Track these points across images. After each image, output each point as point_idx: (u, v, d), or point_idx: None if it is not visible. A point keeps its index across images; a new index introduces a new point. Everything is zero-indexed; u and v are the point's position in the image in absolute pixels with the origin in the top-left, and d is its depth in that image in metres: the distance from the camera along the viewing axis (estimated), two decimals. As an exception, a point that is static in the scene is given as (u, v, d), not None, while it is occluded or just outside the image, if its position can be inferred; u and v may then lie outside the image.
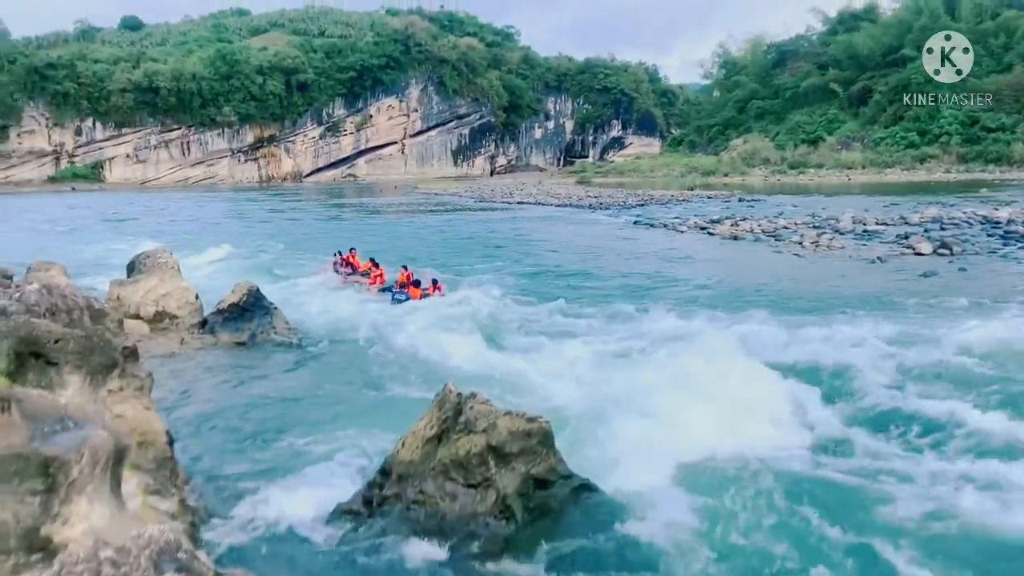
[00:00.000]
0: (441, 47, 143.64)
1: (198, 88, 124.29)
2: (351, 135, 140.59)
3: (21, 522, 3.14)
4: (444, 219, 43.94)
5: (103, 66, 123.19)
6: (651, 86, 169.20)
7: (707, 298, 16.05)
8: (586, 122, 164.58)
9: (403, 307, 15.14)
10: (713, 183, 77.92)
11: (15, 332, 5.02)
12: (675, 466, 7.03)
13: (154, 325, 12.84)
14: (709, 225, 31.62)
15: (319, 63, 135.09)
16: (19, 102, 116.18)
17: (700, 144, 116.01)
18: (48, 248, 27.76)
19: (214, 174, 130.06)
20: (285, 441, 7.96)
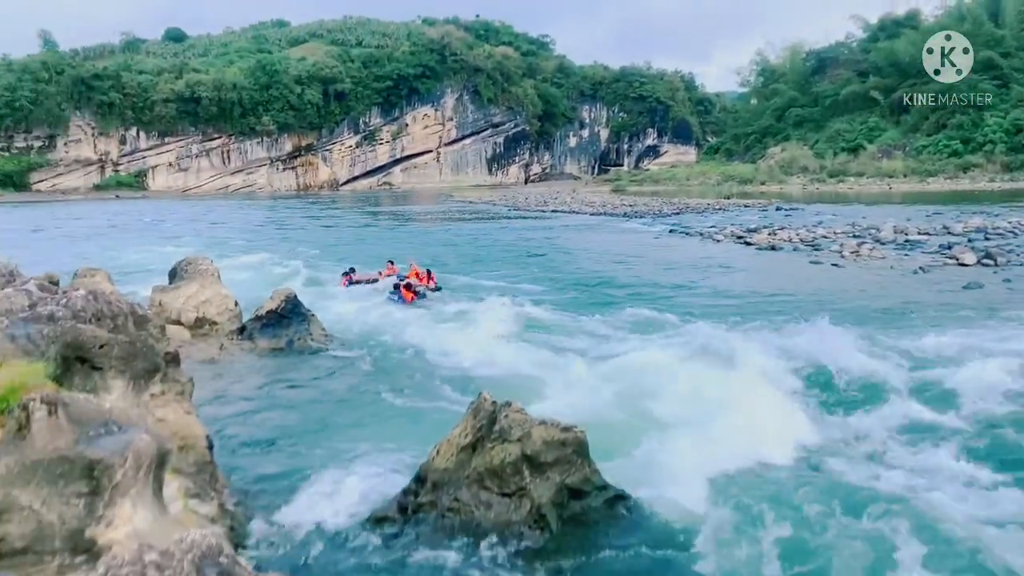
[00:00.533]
0: (476, 56, 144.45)
1: (238, 98, 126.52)
2: (387, 144, 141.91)
3: (66, 523, 3.22)
4: (478, 227, 44.07)
5: (147, 77, 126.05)
6: (687, 94, 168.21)
7: (743, 308, 15.87)
8: (621, 130, 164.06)
9: (437, 314, 15.21)
10: (750, 192, 77.16)
11: (62, 337, 5.15)
12: (711, 477, 6.95)
13: (195, 331, 13.06)
14: (746, 234, 31.27)
15: (356, 72, 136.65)
16: (66, 112, 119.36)
17: (737, 152, 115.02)
18: (92, 254, 28.49)
19: (253, 182, 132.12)
20: (321, 447, 8.02)
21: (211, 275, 14.74)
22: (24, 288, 6.55)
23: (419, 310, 15.93)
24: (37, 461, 3.27)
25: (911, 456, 7.61)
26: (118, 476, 3.33)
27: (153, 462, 3.59)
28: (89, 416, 3.62)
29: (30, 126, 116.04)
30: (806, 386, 9.70)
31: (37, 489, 3.22)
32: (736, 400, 8.58)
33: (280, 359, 11.92)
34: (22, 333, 5.13)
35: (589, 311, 15.42)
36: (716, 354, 10.90)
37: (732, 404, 8.45)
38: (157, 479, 3.74)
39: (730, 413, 8.21)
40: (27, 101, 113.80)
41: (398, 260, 20.60)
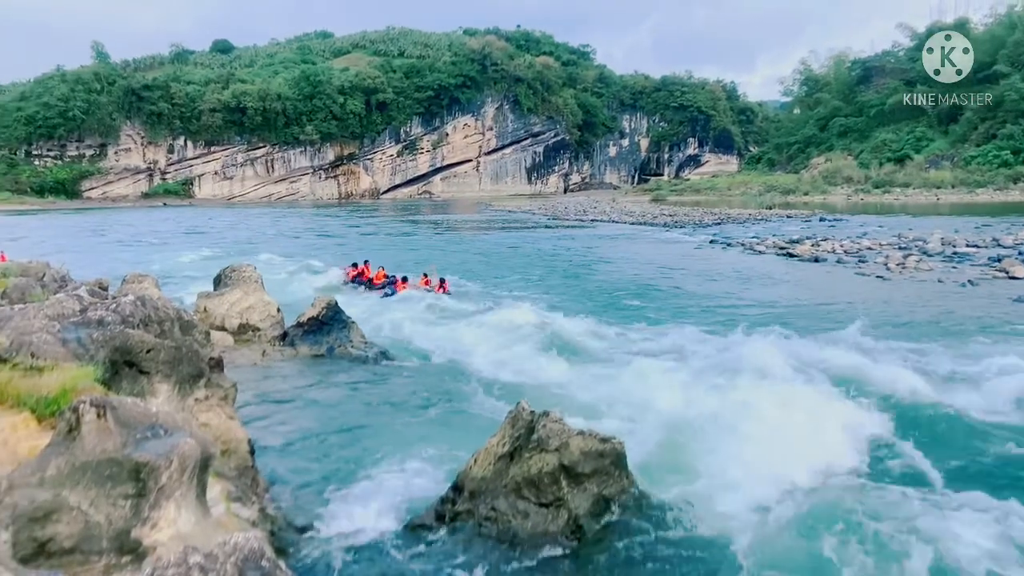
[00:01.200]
0: (517, 66, 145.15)
1: (283, 108, 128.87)
2: (427, 153, 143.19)
3: (113, 524, 3.28)
4: (517, 236, 44.14)
5: (195, 87, 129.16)
6: (729, 103, 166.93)
7: (785, 320, 15.61)
8: (661, 140, 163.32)
9: (476, 323, 15.23)
10: (793, 202, 76.11)
11: (111, 342, 5.27)
12: (750, 492, 6.84)
13: (238, 336, 13.27)
14: (788, 245, 30.83)
15: (398, 83, 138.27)
16: (117, 122, 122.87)
17: (779, 162, 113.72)
18: (140, 260, 29.16)
19: (296, 191, 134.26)
20: (360, 453, 8.08)
21: (254, 282, 14.99)
22: (75, 293, 6.73)
23: (458, 319, 15.98)
24: (86, 463, 3.34)
25: (954, 476, 7.41)
26: (163, 479, 3.39)
27: (197, 466, 3.65)
28: (136, 419, 3.69)
29: (82, 135, 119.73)
30: (848, 400, 9.50)
31: (85, 490, 3.30)
32: (776, 413, 8.44)
33: (321, 366, 12.05)
34: (73, 337, 5.27)
35: (629, 322, 15.33)
36: (757, 367, 10.74)
37: (772, 418, 8.32)
38: (201, 482, 3.80)
39: (770, 427, 8.08)
40: (80, 111, 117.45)
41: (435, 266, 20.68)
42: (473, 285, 21.27)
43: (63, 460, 3.36)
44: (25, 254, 23.64)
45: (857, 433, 8.36)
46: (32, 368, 4.56)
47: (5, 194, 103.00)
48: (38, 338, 4.93)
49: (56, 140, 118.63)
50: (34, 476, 3.29)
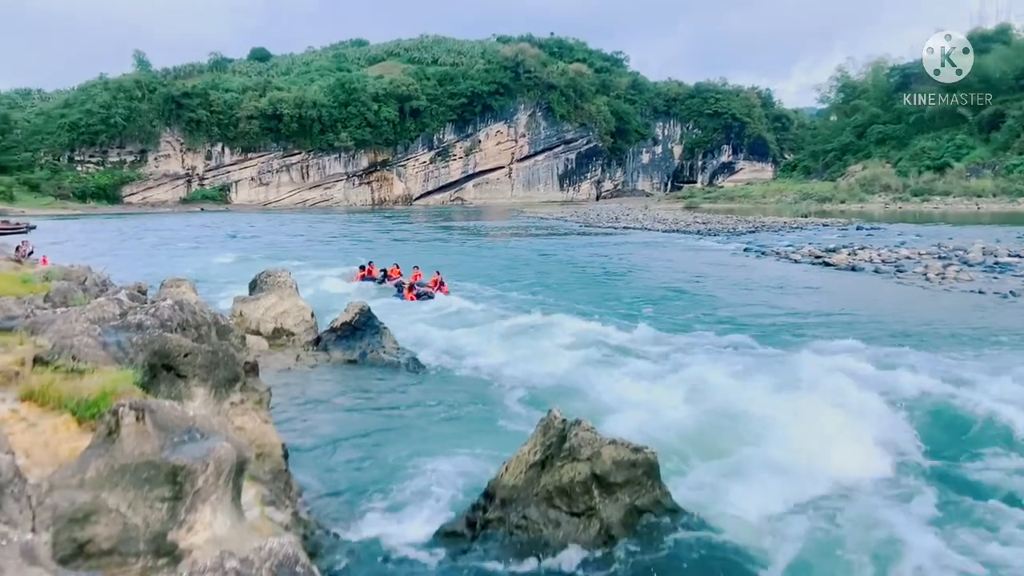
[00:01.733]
0: (550, 73, 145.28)
1: (318, 115, 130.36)
2: (460, 159, 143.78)
3: (150, 527, 3.32)
4: (549, 243, 44.12)
5: (233, 95, 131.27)
6: (764, 110, 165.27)
7: (820, 330, 15.39)
8: (695, 147, 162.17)
9: (507, 329, 15.23)
10: (829, 210, 75.12)
11: (150, 346, 5.35)
12: (785, 503, 6.77)
13: (272, 341, 13.41)
14: (825, 254, 30.40)
15: (431, 90, 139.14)
16: (157, 128, 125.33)
17: (815, 170, 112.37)
18: (177, 263, 29.63)
19: (330, 197, 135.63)
20: (392, 459, 8.10)
21: (289, 287, 15.16)
22: (116, 297, 6.86)
23: (490, 325, 15.99)
24: (125, 465, 3.39)
25: (990, 489, 7.24)
26: (200, 482, 3.43)
27: (233, 469, 3.68)
28: (174, 423, 3.74)
29: (123, 142, 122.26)
30: (885, 412, 9.33)
31: (124, 492, 3.34)
32: (813, 424, 8.35)
33: (353, 371, 12.13)
34: (113, 340, 5.36)
35: (661, 329, 15.20)
36: (792, 377, 10.60)
37: (807, 429, 8.22)
38: (236, 486, 3.83)
39: (806, 437, 7.99)
40: (121, 118, 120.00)
41: (460, 271, 20.74)
42: (505, 292, 21.29)
43: (102, 462, 3.41)
44: (67, 258, 24.19)
45: (893, 446, 8.23)
46: (73, 371, 4.64)
47: (48, 199, 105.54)
48: (79, 341, 5.02)
49: (98, 146, 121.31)
50: (74, 478, 3.34)
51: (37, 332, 5.56)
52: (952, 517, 6.62)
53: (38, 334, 5.51)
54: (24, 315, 6.08)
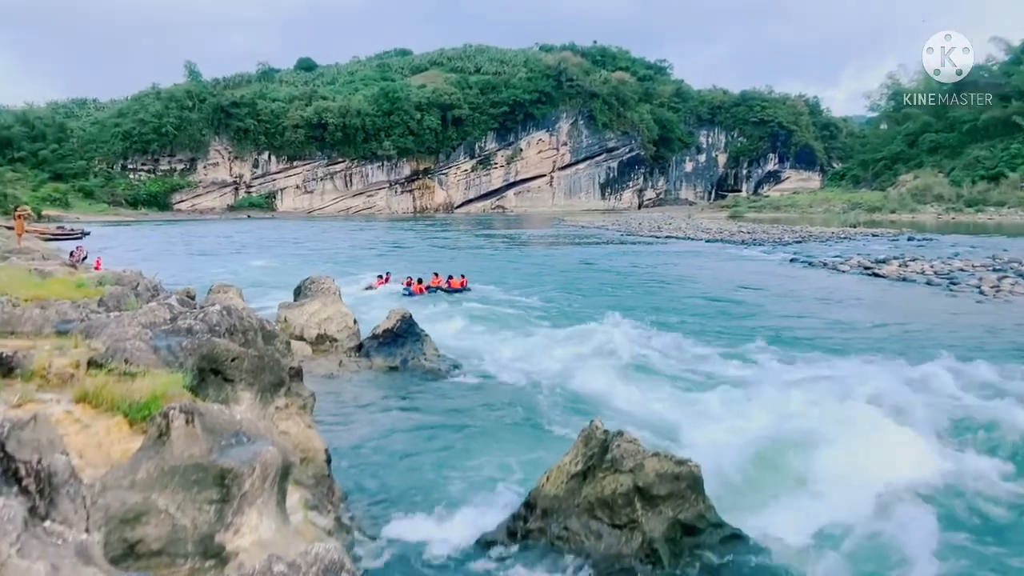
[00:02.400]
0: (592, 81, 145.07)
1: (362, 123, 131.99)
2: (501, 168, 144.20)
3: (198, 528, 3.37)
4: (590, 251, 43.95)
5: (280, 104, 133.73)
6: (812, 118, 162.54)
7: (871, 342, 15.06)
8: (740, 155, 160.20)
9: (548, 337, 15.21)
10: (878, 220, 73.57)
11: (199, 350, 5.45)
12: (832, 521, 6.62)
13: (316, 347, 13.59)
14: (874, 265, 29.73)
15: (474, 99, 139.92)
16: (206, 137, 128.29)
17: (864, 179, 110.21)
18: (223, 269, 30.21)
19: (372, 204, 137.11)
20: (432, 466, 8.13)
21: (332, 294, 15.34)
22: (167, 302, 7.01)
23: (531, 333, 15.97)
24: (174, 467, 3.45)
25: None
26: (246, 485, 3.47)
27: (278, 474, 3.73)
28: (221, 426, 3.80)
29: (174, 150, 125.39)
30: (938, 428, 9.09)
31: (173, 494, 3.40)
32: (861, 440, 8.15)
33: (395, 377, 12.22)
34: (164, 344, 5.48)
35: (704, 341, 15.02)
36: (840, 390, 10.38)
37: (857, 444, 8.03)
38: (281, 490, 3.88)
39: (855, 453, 7.80)
40: (172, 127, 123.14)
41: (498, 276, 20.73)
42: (546, 300, 21.25)
43: (153, 464, 3.48)
44: (119, 263, 24.83)
45: (945, 463, 7.99)
46: (126, 374, 4.75)
47: (102, 206, 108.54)
48: (131, 345, 5.14)
49: (150, 155, 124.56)
50: (126, 479, 3.41)
51: (91, 335, 5.70)
52: (1006, 539, 6.40)
53: (92, 337, 5.66)
54: (79, 319, 6.24)
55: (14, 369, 4.55)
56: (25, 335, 5.77)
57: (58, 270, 16.33)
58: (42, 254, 25.98)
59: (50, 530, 2.22)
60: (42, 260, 21.62)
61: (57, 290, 8.90)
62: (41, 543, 2.13)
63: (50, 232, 50.33)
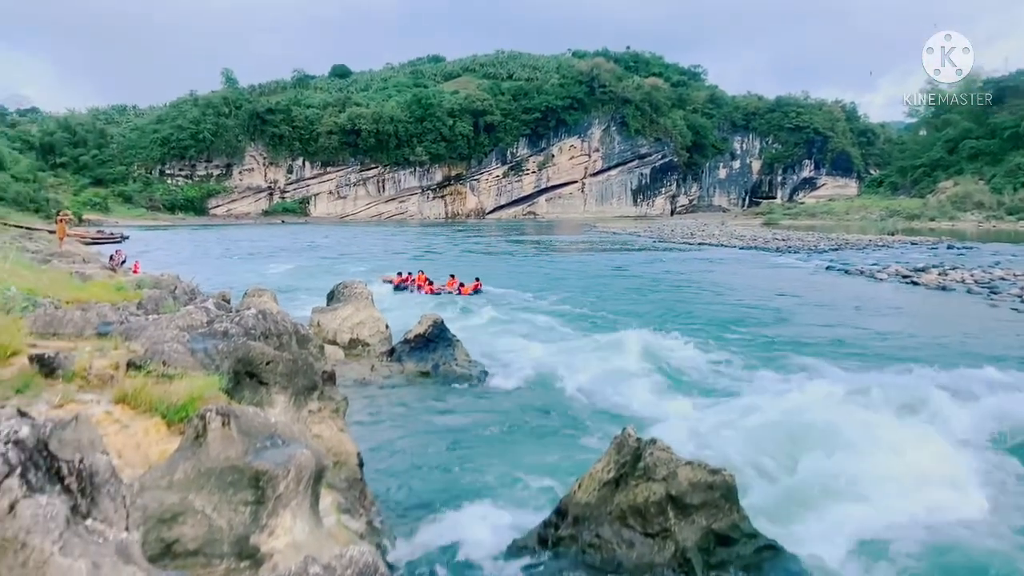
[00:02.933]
0: (625, 87, 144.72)
1: (395, 130, 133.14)
2: (533, 174, 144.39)
3: (234, 529, 3.40)
4: (622, 258, 43.77)
5: (314, 111, 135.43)
6: (848, 124, 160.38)
7: (910, 352, 14.77)
8: (775, 162, 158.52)
9: (580, 343, 15.16)
10: (917, 228, 72.32)
11: (235, 353, 5.51)
12: (870, 535, 6.48)
13: (348, 351, 13.69)
14: (913, 273, 29.20)
15: (506, 105, 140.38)
16: (242, 143, 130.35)
17: (902, 186, 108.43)
18: (257, 272, 30.59)
19: (404, 210, 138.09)
20: (463, 472, 8.14)
21: (365, 298, 15.46)
22: (204, 305, 7.11)
23: (563, 340, 15.94)
24: (211, 468, 3.49)
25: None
26: (281, 488, 3.50)
27: (312, 476, 3.75)
28: (257, 429, 3.84)
29: (211, 156, 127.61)
30: (978, 440, 8.88)
31: (209, 495, 3.44)
32: (901, 452, 7.99)
33: (426, 382, 12.25)
34: (200, 347, 5.55)
35: (738, 348, 14.86)
36: (879, 401, 10.19)
37: (896, 456, 7.87)
38: (315, 493, 3.90)
39: (894, 466, 7.65)
40: (209, 133, 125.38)
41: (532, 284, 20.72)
42: (577, 306, 21.19)
43: (190, 465, 3.52)
44: (156, 266, 25.27)
45: (988, 478, 7.80)
46: (163, 376, 4.81)
47: (140, 210, 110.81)
48: (169, 347, 5.22)
49: (187, 160, 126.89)
50: (163, 479, 3.46)
51: (131, 338, 5.80)
52: None
53: (131, 340, 5.75)
54: (119, 321, 6.35)
55: (56, 370, 4.64)
56: (66, 337, 5.88)
57: (98, 273, 16.67)
58: (83, 257, 26.55)
59: (91, 528, 2.25)
60: (83, 263, 22.09)
61: (97, 293, 9.08)
62: (82, 541, 2.16)
63: (90, 236, 51.47)
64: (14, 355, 4.80)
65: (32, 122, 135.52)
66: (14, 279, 7.57)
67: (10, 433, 2.28)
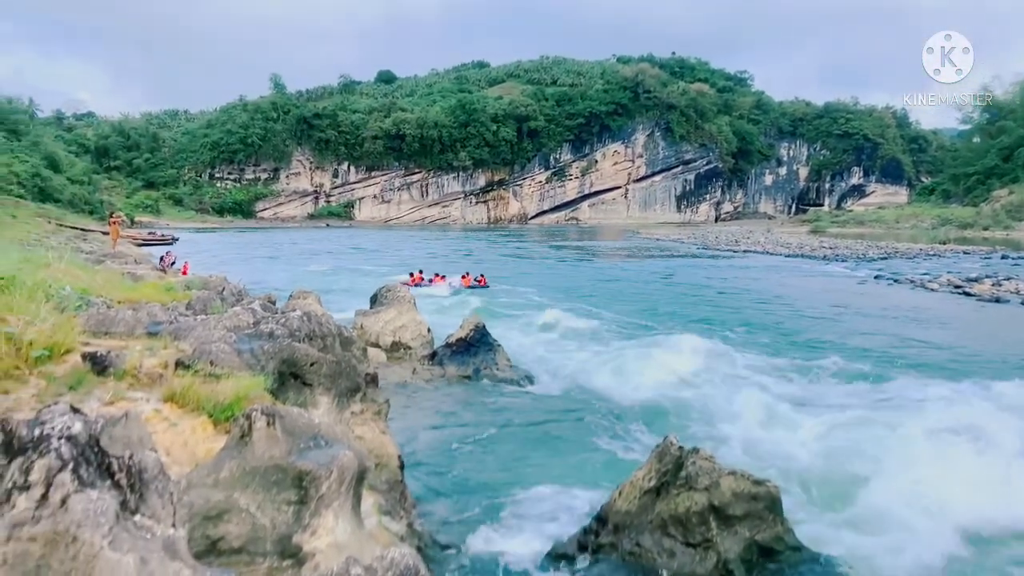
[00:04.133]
0: (670, 93, 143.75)
1: (439, 135, 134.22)
2: (576, 180, 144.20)
3: (277, 528, 3.44)
4: (666, 264, 43.37)
5: (359, 116, 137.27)
6: (899, 131, 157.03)
7: (961, 365, 14.35)
8: (822, 168, 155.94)
9: (622, 349, 15.04)
10: (970, 237, 70.39)
11: (279, 354, 5.59)
12: (919, 550, 6.30)
13: (390, 354, 13.79)
14: (965, 284, 28.40)
15: (550, 110, 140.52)
16: (290, 148, 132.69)
17: (955, 194, 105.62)
18: (300, 274, 31.01)
19: (447, 214, 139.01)
20: (504, 476, 8.12)
21: (407, 302, 15.57)
22: (250, 307, 7.22)
23: (607, 346, 15.85)
24: (255, 467, 3.54)
25: None
26: (324, 488, 3.53)
27: (354, 478, 3.78)
28: (300, 429, 3.88)
29: (259, 160, 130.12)
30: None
31: (254, 494, 3.48)
32: (951, 467, 7.75)
33: (467, 387, 12.27)
34: (247, 348, 5.63)
35: (784, 357, 14.61)
36: (929, 414, 9.92)
37: (946, 471, 7.64)
38: (356, 494, 3.92)
39: (944, 481, 7.42)
40: (258, 138, 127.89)
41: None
42: (619, 312, 21.05)
43: (235, 464, 3.57)
44: (204, 268, 25.80)
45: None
46: (210, 375, 4.90)
47: (190, 213, 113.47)
48: (217, 347, 5.30)
49: (236, 164, 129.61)
50: (209, 477, 3.51)
51: (179, 337, 5.91)
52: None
53: (180, 339, 5.86)
54: (168, 321, 6.48)
55: (107, 368, 4.75)
56: (118, 335, 6.02)
57: (149, 274, 17.08)
58: (134, 258, 27.24)
59: (140, 524, 2.29)
60: (134, 264, 22.66)
61: (148, 293, 9.29)
62: (131, 536, 2.20)
63: (142, 238, 52.73)
64: (67, 352, 4.93)
65: (88, 126, 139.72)
66: (69, 279, 7.78)
67: (63, 429, 2.33)
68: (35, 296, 5.32)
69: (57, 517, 2.12)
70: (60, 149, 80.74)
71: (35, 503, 2.16)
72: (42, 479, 2.20)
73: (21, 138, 68.47)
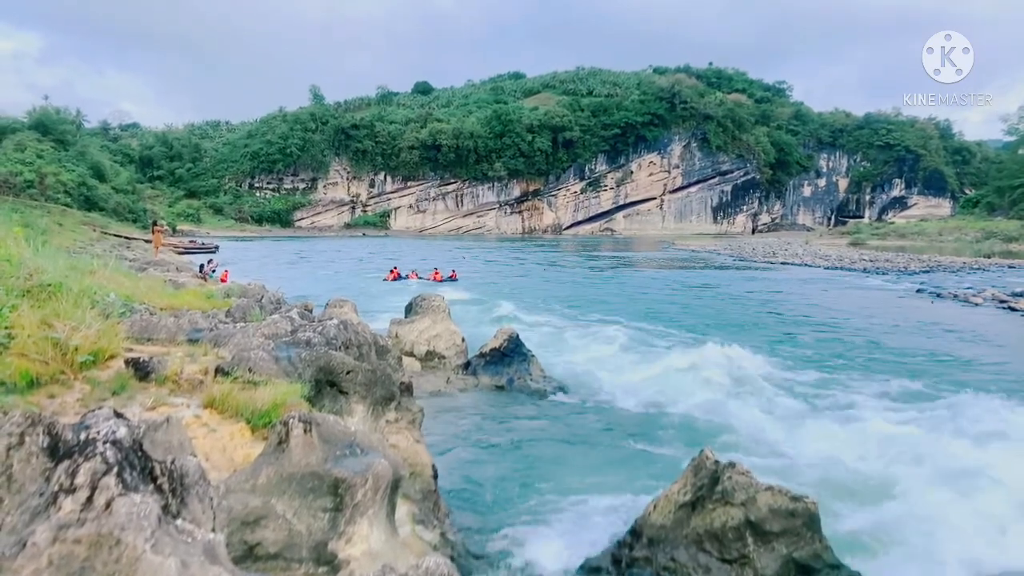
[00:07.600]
0: (707, 103, 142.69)
1: (474, 145, 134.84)
2: (611, 190, 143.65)
3: (312, 535, 3.47)
4: (702, 275, 42.96)
5: (396, 126, 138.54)
6: (942, 142, 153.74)
7: (1006, 382, 13.99)
8: (862, 180, 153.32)
9: (655, 358, 14.94)
10: (1016, 251, 68.55)
11: (316, 362, 5.65)
12: (962, 572, 6.14)
13: (425, 363, 13.86)
14: (1011, 298, 27.71)
15: (585, 121, 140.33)
16: (327, 158, 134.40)
17: (1000, 207, 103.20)
18: (337, 282, 31.32)
19: (482, 224, 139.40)
20: (536, 487, 8.10)
21: (442, 311, 15.63)
22: (288, 315, 7.31)
23: (640, 356, 15.74)
24: (292, 474, 3.58)
25: None
26: (359, 496, 3.55)
27: (389, 486, 3.80)
28: (336, 437, 3.91)
29: (297, 170, 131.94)
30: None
31: (290, 500, 3.52)
32: (995, 486, 7.56)
33: (501, 396, 12.28)
34: (284, 356, 5.70)
35: (822, 371, 14.38)
36: (972, 432, 9.69)
37: (990, 491, 7.45)
38: (391, 502, 3.95)
39: (986, 500, 7.25)
40: (296, 148, 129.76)
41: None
42: (655, 324, 20.91)
43: (272, 470, 3.61)
44: (242, 275, 26.19)
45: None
46: (249, 382, 4.97)
47: (229, 221, 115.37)
48: (255, 355, 5.38)
49: (275, 174, 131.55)
50: (248, 483, 3.56)
51: (219, 344, 6.01)
52: None
53: (220, 346, 5.96)
54: (209, 328, 6.59)
55: (150, 373, 4.85)
56: (160, 342, 6.14)
57: (190, 281, 17.39)
58: (176, 266, 27.75)
59: (181, 528, 2.33)
60: (176, 272, 23.09)
61: (189, 300, 9.45)
62: (173, 540, 2.24)
63: (183, 246, 53.74)
64: (111, 358, 5.04)
65: (132, 136, 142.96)
66: (113, 285, 7.96)
67: (109, 433, 2.38)
68: (81, 302, 5.45)
69: (101, 520, 2.16)
70: (106, 159, 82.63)
71: (80, 506, 2.20)
72: (87, 482, 2.25)
73: (68, 148, 70.18)
